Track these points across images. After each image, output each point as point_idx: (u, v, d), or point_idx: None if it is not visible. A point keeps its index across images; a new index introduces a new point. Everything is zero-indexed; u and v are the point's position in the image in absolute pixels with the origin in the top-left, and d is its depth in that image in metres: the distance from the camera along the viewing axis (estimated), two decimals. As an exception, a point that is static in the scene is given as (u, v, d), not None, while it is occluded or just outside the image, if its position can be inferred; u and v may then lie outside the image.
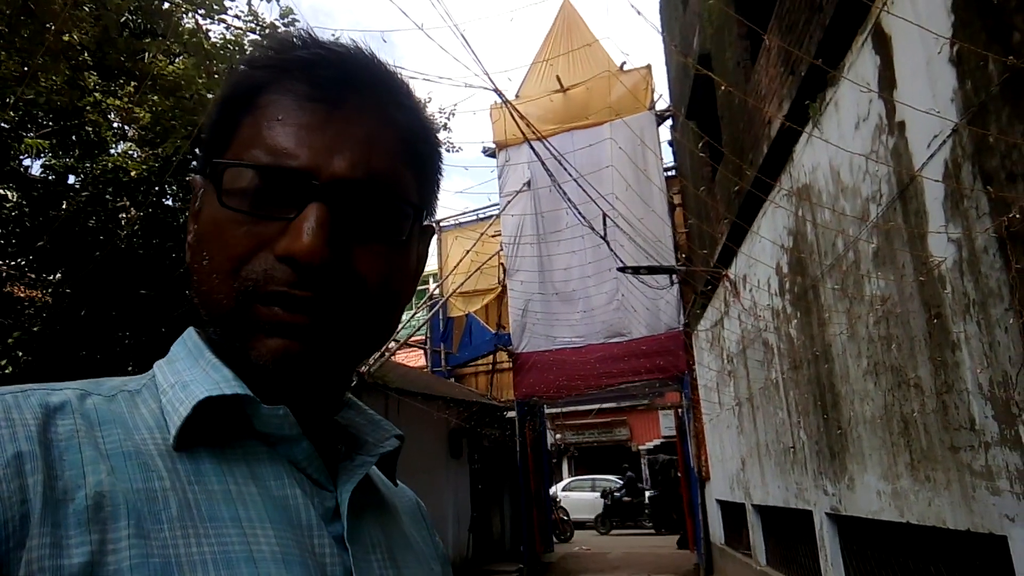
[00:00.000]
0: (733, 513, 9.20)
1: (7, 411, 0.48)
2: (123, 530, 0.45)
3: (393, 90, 0.62)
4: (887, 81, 3.39)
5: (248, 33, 4.92)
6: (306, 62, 0.58)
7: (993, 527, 2.73)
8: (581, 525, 19.38)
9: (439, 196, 0.69)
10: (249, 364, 0.55)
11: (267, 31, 4.76)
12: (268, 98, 0.57)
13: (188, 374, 0.56)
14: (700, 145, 7.57)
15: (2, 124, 5.03)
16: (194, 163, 5.85)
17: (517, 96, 12.55)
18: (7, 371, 5.20)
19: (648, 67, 12.21)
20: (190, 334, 0.62)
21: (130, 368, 5.35)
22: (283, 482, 0.55)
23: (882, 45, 3.44)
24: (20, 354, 5.33)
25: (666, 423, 21.59)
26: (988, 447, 2.72)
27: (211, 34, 4.61)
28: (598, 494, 20.72)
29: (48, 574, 0.42)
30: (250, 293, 0.53)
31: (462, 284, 12.65)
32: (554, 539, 15.40)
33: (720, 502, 10.04)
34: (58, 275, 5.55)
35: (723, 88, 6.32)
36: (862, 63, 3.67)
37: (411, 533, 0.70)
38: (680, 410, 12.73)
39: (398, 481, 0.74)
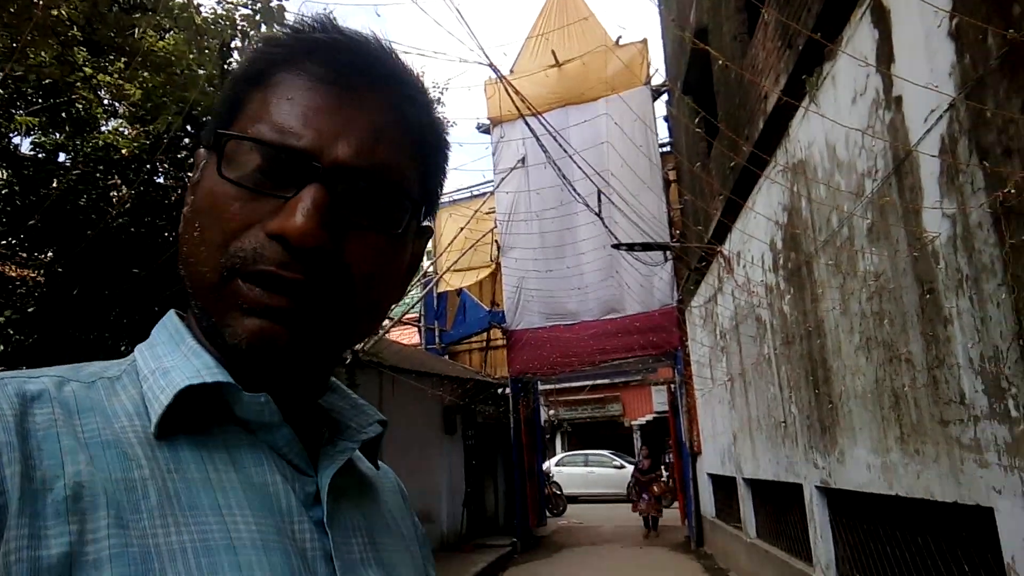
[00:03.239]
0: (724, 487, 9.32)
1: None
2: (102, 520, 0.45)
3: (406, 84, 0.61)
4: (885, 55, 3.38)
5: (239, 7, 4.85)
6: (324, 44, 0.57)
7: (980, 499, 2.78)
8: (574, 499, 19.63)
9: (440, 196, 0.68)
10: (224, 343, 0.54)
11: (258, 4, 4.69)
12: (280, 76, 0.56)
13: (169, 360, 0.55)
14: (696, 120, 7.55)
15: (-10, 101, 4.96)
16: (191, 138, 5.80)
17: (512, 72, 12.44)
18: (0, 351, 5.19)
19: (644, 42, 12.10)
20: (171, 317, 0.61)
21: (123, 348, 5.34)
22: (263, 468, 0.55)
23: (881, 19, 3.42)
24: (12, 333, 5.31)
25: (659, 399, 21.76)
26: (977, 421, 2.76)
27: (202, 9, 4.54)
28: (591, 469, 21.00)
29: (26, 565, 0.42)
30: (235, 269, 0.52)
31: (456, 261, 12.63)
32: (547, 513, 15.60)
33: (711, 476, 10.16)
34: (49, 254, 5.51)
35: (720, 62, 6.28)
36: (860, 37, 3.66)
37: (392, 516, 0.70)
38: (673, 386, 12.84)
39: (380, 463, 0.74)
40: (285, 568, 0.50)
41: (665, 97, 11.98)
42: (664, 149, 12.25)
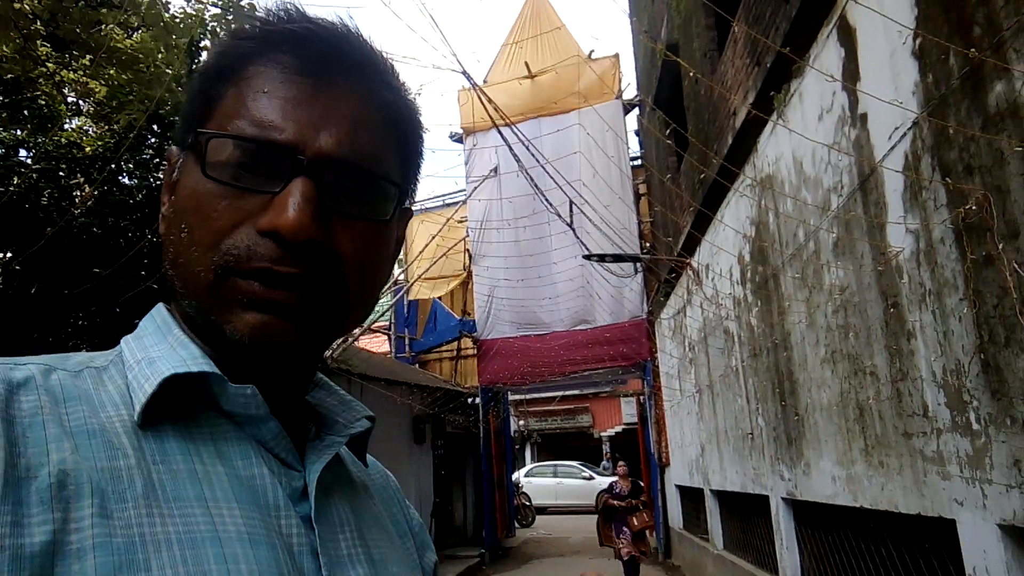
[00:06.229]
0: (692, 498, 9.37)
1: None
2: (86, 509, 0.44)
3: (380, 69, 0.61)
4: (851, 73, 3.44)
5: (210, 7, 4.78)
6: (295, 35, 0.57)
7: (943, 511, 2.82)
8: (543, 510, 19.60)
9: (419, 179, 0.68)
10: (224, 339, 0.53)
11: (230, 4, 4.62)
12: (254, 69, 0.56)
13: (155, 350, 0.55)
14: (667, 132, 7.63)
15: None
16: (157, 137, 5.69)
17: (485, 81, 12.47)
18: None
19: (616, 56, 12.24)
20: (159, 310, 0.61)
21: (83, 349, 5.19)
22: (250, 462, 0.54)
23: (847, 37, 3.49)
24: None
25: (628, 410, 21.88)
26: (940, 433, 2.81)
27: (171, 6, 4.46)
28: (559, 480, 21.00)
29: (8, 553, 0.41)
30: (230, 267, 0.52)
31: (427, 269, 12.57)
32: (516, 524, 15.54)
33: (679, 487, 10.21)
34: (8, 253, 5.36)
35: (691, 76, 6.36)
36: (827, 55, 3.72)
37: (381, 511, 0.70)
38: (642, 397, 12.89)
39: (370, 458, 0.74)
40: (271, 562, 0.50)
41: (636, 111, 12.11)
42: (635, 163, 12.37)
